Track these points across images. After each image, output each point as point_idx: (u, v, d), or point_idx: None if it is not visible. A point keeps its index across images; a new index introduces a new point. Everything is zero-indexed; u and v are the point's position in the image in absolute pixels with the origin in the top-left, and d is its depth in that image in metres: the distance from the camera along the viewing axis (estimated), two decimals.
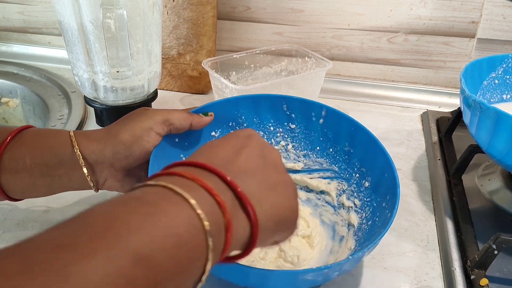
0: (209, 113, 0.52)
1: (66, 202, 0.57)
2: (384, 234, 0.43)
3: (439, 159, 0.68)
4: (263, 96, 0.58)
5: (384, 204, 0.49)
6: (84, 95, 0.70)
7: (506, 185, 0.61)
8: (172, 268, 0.26)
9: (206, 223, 0.28)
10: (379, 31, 0.85)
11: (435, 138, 0.73)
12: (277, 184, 0.35)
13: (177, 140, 0.52)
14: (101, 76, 0.65)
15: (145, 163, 0.47)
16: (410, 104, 0.86)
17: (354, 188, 0.55)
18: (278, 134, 0.60)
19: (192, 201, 0.28)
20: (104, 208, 0.26)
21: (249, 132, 0.39)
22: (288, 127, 0.60)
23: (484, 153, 0.58)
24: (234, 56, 0.80)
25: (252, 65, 0.82)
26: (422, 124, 0.80)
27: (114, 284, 0.22)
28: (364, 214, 0.52)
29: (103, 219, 0.25)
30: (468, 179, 0.63)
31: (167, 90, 0.86)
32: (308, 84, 0.77)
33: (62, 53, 0.91)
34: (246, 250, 0.33)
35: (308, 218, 0.56)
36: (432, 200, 0.62)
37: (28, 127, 0.47)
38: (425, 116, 0.81)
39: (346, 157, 0.57)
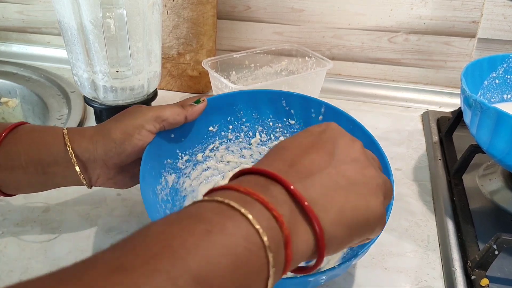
0: (201, 99, 0.51)
1: (66, 203, 0.57)
2: (375, 241, 0.40)
3: (440, 159, 0.68)
4: (261, 91, 0.58)
5: None
6: (84, 95, 0.70)
7: (507, 185, 0.61)
8: (231, 287, 0.25)
9: (265, 238, 0.26)
10: (380, 30, 0.84)
11: (435, 138, 0.73)
12: (351, 181, 0.32)
13: (172, 136, 0.52)
14: (100, 76, 0.65)
15: (139, 160, 0.47)
16: (410, 104, 0.86)
17: None
18: (278, 130, 0.60)
19: (250, 216, 0.27)
20: (160, 228, 0.26)
21: (324, 127, 0.36)
22: (287, 123, 0.59)
23: (484, 153, 0.58)
24: (234, 55, 0.79)
25: (252, 65, 0.82)
26: (423, 124, 0.80)
27: None
28: None
29: (160, 239, 0.25)
30: (469, 179, 0.63)
31: (167, 90, 0.86)
32: (308, 83, 0.77)
33: (61, 53, 0.91)
34: (317, 261, 0.31)
35: None
36: (433, 200, 0.62)
37: (22, 123, 0.47)
38: (425, 116, 0.81)
39: None
